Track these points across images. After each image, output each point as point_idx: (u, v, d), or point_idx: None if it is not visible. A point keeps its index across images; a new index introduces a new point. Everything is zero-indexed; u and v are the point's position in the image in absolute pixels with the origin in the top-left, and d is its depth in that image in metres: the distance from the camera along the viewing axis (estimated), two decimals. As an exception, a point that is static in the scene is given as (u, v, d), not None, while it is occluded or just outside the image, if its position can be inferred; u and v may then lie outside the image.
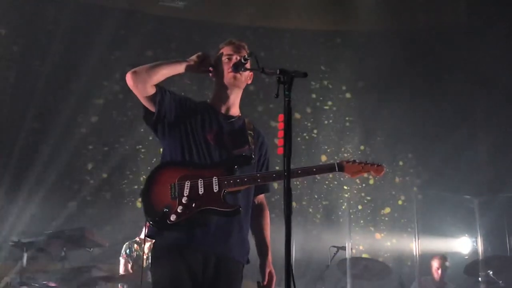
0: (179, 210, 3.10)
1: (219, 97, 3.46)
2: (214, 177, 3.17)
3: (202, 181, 3.16)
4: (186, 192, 3.14)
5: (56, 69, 8.78)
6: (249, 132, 3.44)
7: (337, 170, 3.29)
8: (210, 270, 3.16)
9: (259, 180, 3.22)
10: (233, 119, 3.44)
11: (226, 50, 3.45)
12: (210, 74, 3.50)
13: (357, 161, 3.33)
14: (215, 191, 3.15)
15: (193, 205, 3.12)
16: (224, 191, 3.16)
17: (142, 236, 6.81)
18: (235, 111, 3.49)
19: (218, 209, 3.15)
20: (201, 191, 3.15)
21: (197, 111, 3.40)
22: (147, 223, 3.20)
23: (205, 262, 3.15)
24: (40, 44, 8.94)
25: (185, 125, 3.33)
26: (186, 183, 3.16)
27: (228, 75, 3.38)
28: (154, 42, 9.22)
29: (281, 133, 2.72)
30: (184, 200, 3.12)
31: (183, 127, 3.32)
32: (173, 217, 3.08)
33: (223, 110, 3.44)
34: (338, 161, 3.32)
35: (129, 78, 3.23)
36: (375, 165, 3.34)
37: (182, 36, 9.38)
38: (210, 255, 3.16)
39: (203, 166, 3.24)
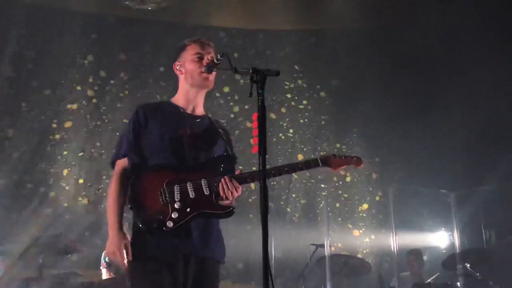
0: (173, 216, 3.04)
1: (185, 97, 3.40)
2: (203, 180, 3.13)
3: (191, 185, 3.11)
4: (177, 197, 3.08)
5: (27, 74, 8.70)
6: (219, 130, 3.40)
7: (321, 165, 3.30)
8: (191, 272, 3.10)
9: (248, 180, 3.17)
10: (199, 119, 3.40)
11: (194, 48, 3.39)
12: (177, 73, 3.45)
13: (337, 155, 3.37)
14: (206, 193, 3.11)
15: (188, 210, 3.07)
16: (215, 193, 3.12)
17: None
18: (200, 110, 3.45)
19: (213, 212, 3.13)
20: (192, 195, 3.10)
21: (164, 113, 3.33)
22: (130, 231, 3.15)
23: (186, 264, 3.10)
24: (9, 49, 8.82)
25: (156, 129, 3.25)
26: (176, 187, 3.09)
27: (199, 75, 3.32)
28: (127, 45, 9.15)
29: (255, 132, 2.70)
30: (177, 206, 3.06)
31: (155, 132, 3.25)
32: (169, 224, 3.02)
33: (189, 109, 3.39)
34: (320, 156, 3.32)
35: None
36: (354, 158, 3.42)
37: (156, 38, 9.31)
38: (190, 257, 3.11)
39: (185, 168, 3.17)
